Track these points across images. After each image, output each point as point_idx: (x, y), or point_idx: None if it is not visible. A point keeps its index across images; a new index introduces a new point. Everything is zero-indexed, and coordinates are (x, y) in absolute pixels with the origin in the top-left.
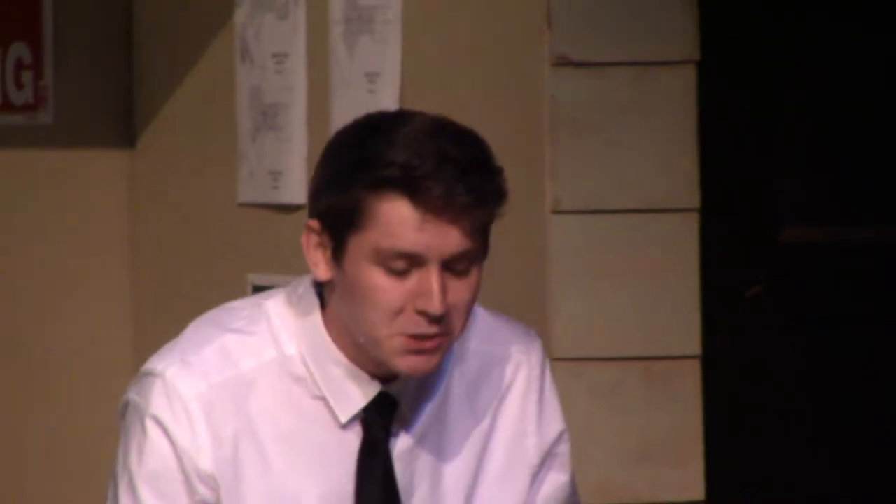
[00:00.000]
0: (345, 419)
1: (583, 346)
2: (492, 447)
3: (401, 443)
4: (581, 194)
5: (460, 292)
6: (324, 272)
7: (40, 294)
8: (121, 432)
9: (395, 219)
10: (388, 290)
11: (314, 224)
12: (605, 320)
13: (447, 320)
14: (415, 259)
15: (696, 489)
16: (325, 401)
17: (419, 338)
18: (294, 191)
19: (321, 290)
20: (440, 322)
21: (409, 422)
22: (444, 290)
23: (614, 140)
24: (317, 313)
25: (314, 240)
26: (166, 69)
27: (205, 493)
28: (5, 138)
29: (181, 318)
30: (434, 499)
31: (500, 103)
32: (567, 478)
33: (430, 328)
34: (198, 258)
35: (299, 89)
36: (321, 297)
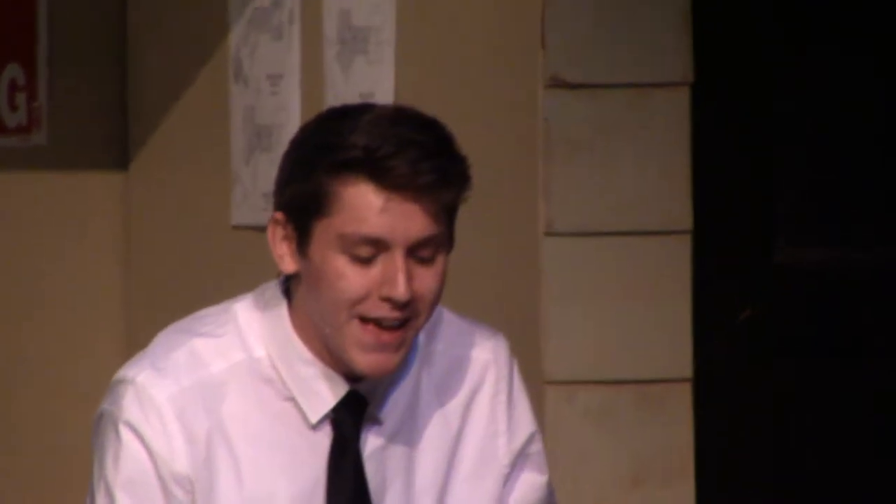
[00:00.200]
0: (315, 419)
1: (575, 368)
2: (462, 447)
3: (371, 442)
4: (574, 216)
5: (426, 280)
6: (289, 265)
7: (34, 316)
8: (95, 445)
9: (358, 203)
10: (352, 277)
11: (279, 216)
12: (598, 343)
13: (412, 307)
14: (380, 244)
15: None
16: (294, 402)
17: (379, 325)
18: None
19: (289, 288)
20: (404, 309)
21: (379, 421)
22: (410, 277)
23: (608, 162)
24: (284, 312)
25: (280, 233)
26: (160, 91)
27: (181, 496)
28: None
29: None
30: (406, 498)
31: (493, 124)
32: (543, 479)
33: (393, 313)
34: (191, 280)
35: (293, 110)
36: (289, 296)
